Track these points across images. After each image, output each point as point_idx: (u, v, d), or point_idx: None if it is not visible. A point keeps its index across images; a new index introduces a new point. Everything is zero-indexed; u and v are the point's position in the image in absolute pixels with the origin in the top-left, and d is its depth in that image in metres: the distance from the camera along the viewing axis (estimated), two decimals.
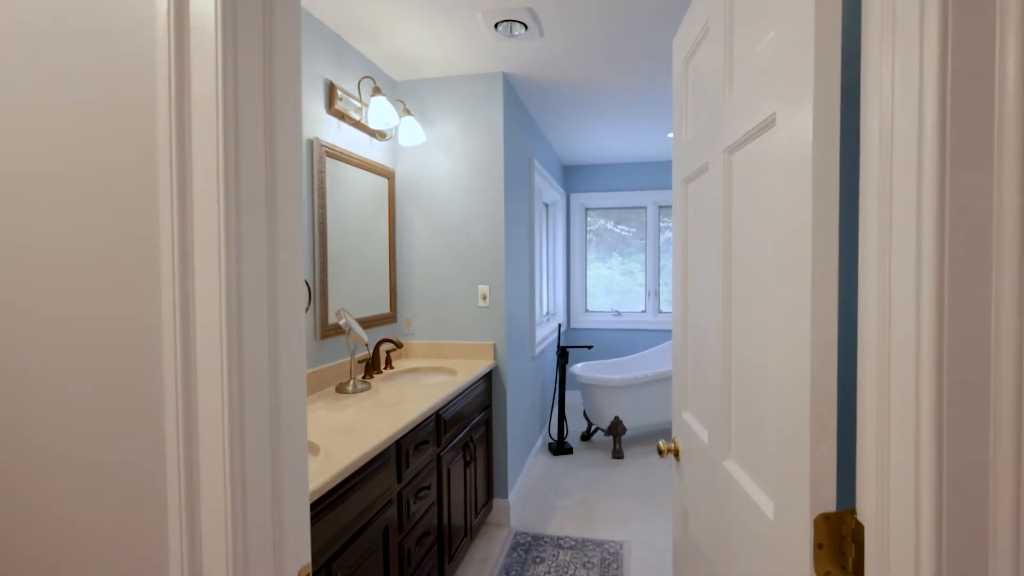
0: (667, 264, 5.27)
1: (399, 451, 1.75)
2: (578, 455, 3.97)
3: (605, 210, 5.41)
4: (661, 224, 5.28)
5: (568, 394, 5.51)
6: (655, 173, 5.23)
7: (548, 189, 4.43)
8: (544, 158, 4.23)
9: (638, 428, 4.18)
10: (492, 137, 2.86)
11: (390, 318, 2.87)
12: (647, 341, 5.28)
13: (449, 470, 2.22)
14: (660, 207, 5.29)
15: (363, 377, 2.46)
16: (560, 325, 4.31)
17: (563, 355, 4.05)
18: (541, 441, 4.11)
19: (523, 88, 3.09)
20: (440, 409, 2.12)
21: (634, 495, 3.27)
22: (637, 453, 3.98)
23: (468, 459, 2.46)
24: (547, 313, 4.82)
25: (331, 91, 2.29)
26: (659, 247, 5.27)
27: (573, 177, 5.41)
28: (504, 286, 2.89)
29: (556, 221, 5.11)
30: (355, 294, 2.54)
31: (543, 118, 3.71)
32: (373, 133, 2.65)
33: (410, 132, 2.68)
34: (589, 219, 5.46)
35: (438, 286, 2.97)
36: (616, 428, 3.92)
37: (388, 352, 2.67)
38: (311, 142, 2.17)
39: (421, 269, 2.98)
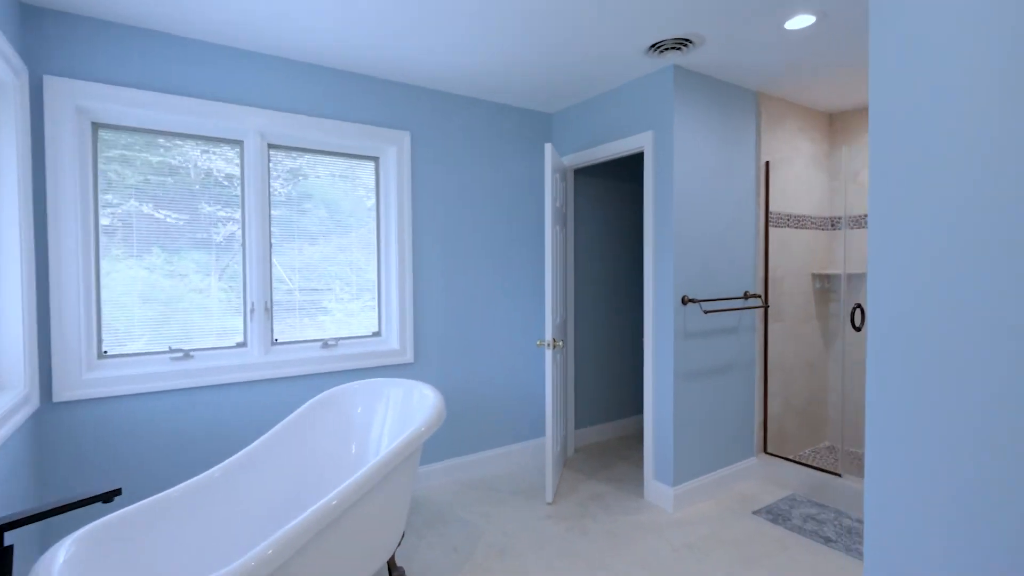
0: (286, 253, 2.84)
1: None
2: None
3: (144, 135, 2.52)
4: (274, 179, 2.82)
5: None
6: (266, 73, 2.72)
7: None
8: None
9: None
10: None
11: None
12: (251, 407, 2.70)
13: None
14: (271, 146, 2.82)
15: None
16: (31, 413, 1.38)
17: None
18: None
19: None
20: None
21: None
22: None
23: None
24: None
25: None
26: (268, 220, 2.79)
27: (59, 39, 2.30)
28: None
29: (2, 134, 1.97)
30: None
31: None
32: None
33: None
34: (104, 150, 2.45)
35: None
36: None
37: None
38: None
39: None
